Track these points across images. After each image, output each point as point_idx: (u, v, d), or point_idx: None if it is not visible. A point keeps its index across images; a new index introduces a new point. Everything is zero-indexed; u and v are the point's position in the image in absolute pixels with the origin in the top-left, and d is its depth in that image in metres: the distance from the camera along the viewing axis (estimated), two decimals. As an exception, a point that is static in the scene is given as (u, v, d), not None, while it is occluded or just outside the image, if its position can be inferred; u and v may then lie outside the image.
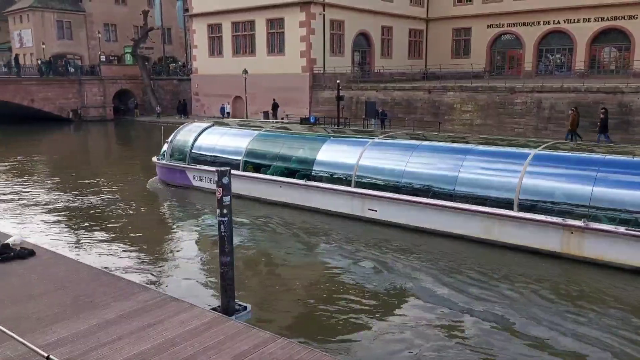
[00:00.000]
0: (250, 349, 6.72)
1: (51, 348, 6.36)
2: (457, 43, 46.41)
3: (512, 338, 8.56)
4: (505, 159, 13.75)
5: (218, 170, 7.99)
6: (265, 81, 39.04)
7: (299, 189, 16.11)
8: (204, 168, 18.67)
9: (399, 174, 14.47)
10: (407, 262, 11.95)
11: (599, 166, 11.99)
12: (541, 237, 12.03)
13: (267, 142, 18.28)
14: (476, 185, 13.25)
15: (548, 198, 12.22)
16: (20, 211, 16.96)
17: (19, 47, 59.93)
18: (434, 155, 14.55)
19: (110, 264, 11.97)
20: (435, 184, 13.83)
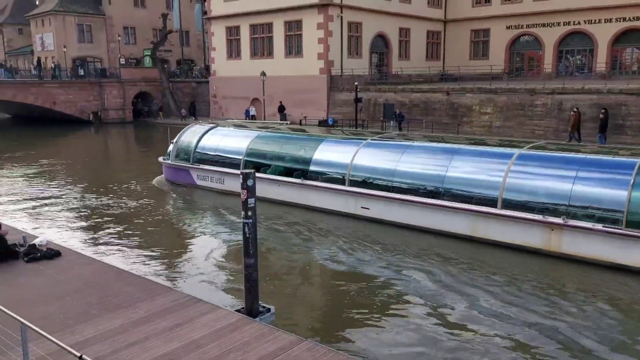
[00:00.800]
0: (275, 351, 6.75)
1: (80, 347, 6.44)
2: (475, 44, 46.06)
3: (498, 329, 9.00)
4: (491, 159, 14.16)
5: (243, 173, 8.03)
6: (283, 83, 39.16)
7: (297, 188, 16.61)
8: (207, 168, 19.37)
9: (390, 173, 14.97)
10: (418, 264, 12.04)
11: (580, 165, 12.44)
12: (524, 234, 12.40)
13: (267, 143, 18.79)
14: (463, 184, 13.66)
15: (530, 196, 12.60)
16: (44, 212, 17.24)
17: (40, 50, 60.93)
18: (423, 156, 15.07)
19: (132, 264, 12.12)
20: (424, 183, 14.29)
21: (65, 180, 22.91)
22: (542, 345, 8.40)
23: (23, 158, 29.44)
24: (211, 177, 19.38)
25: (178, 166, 20.60)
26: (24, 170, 25.43)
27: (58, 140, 40.22)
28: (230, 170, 18.48)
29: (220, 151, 19.61)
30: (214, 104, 46.52)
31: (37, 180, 22.78)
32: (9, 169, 25.89)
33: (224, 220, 16.29)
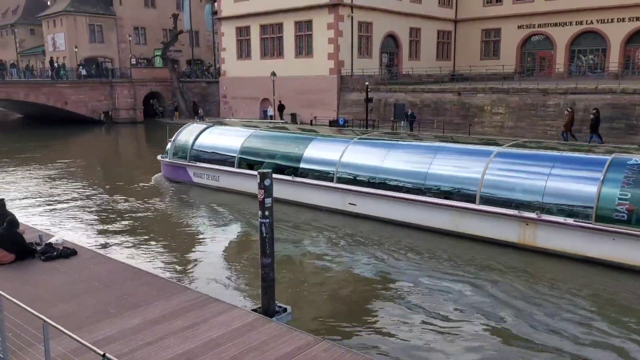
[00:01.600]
0: (293, 351, 6.73)
1: (99, 346, 6.44)
2: (486, 44, 45.82)
3: (475, 319, 9.47)
4: (471, 157, 14.57)
5: (260, 172, 8.02)
6: (293, 84, 39.17)
7: (288, 185, 16.86)
8: (203, 165, 19.93)
9: (375, 170, 15.49)
10: (412, 262, 12.27)
11: (554, 162, 12.92)
12: (501, 229, 12.86)
13: (260, 141, 19.27)
14: (444, 181, 14.17)
15: (507, 192, 13.06)
16: (57, 210, 17.35)
17: (52, 50, 61.40)
18: (407, 154, 15.59)
19: (147, 263, 12.16)
20: (408, 180, 14.79)
21: (76, 179, 23.08)
22: (517, 329, 8.96)
23: (36, 158, 29.67)
24: (207, 174, 19.97)
25: (175, 164, 21.09)
26: (37, 169, 25.64)
27: (69, 140, 40.50)
28: (225, 167, 19.10)
29: (216, 149, 20.15)
30: (224, 104, 46.63)
31: (50, 180, 22.95)
32: (23, 168, 26.10)
33: (233, 218, 16.35)
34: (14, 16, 73.06)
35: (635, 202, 11.30)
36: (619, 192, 11.54)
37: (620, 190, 11.54)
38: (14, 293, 7.54)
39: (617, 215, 11.42)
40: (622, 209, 11.37)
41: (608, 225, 11.41)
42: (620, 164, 12.07)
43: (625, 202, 11.37)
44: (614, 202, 11.51)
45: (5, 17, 75.35)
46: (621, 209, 11.40)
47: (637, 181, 11.53)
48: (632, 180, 11.56)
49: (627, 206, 11.34)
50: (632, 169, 11.80)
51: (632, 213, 11.24)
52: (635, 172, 11.71)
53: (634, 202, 11.28)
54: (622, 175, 11.73)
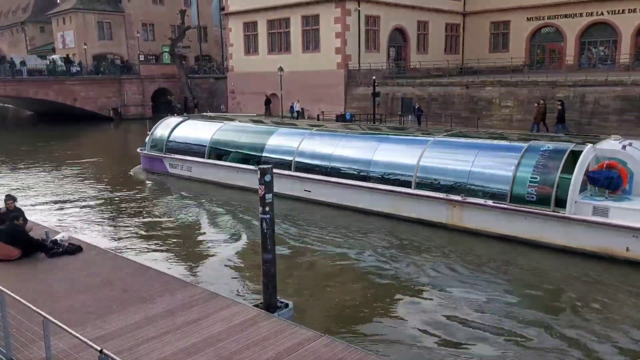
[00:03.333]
0: (293, 346, 6.74)
1: (102, 341, 6.52)
2: (495, 37, 45.37)
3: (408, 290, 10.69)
4: (410, 145, 16.00)
5: (260, 168, 8.03)
6: (300, 78, 39.09)
7: (251, 174, 17.55)
8: (177, 157, 21.36)
9: (328, 159, 16.77)
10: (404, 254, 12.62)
11: (478, 149, 14.29)
12: (432, 211, 14.16)
13: (229, 133, 20.55)
14: (386, 168, 15.44)
15: (438, 177, 14.35)
16: (64, 207, 17.50)
17: (62, 48, 61.77)
18: (355, 143, 17.04)
19: (150, 259, 12.23)
20: (355, 167, 16.06)
21: (83, 175, 23.29)
22: (442, 296, 10.23)
23: (45, 155, 29.93)
24: (181, 165, 21.40)
25: (153, 156, 22.49)
26: (45, 166, 25.86)
27: (78, 136, 40.78)
28: (197, 158, 20.54)
29: (189, 142, 21.51)
30: (232, 100, 46.70)
31: (57, 176, 23.16)
32: (31, 165, 26.34)
33: (233, 215, 16.43)
34: (24, 14, 73.53)
35: (543, 183, 12.47)
36: (531, 175, 12.71)
37: (531, 174, 12.71)
38: (19, 289, 7.64)
39: (529, 197, 12.58)
40: (533, 191, 12.56)
41: (521, 205, 12.60)
42: (534, 150, 13.22)
43: (535, 184, 12.56)
44: (526, 184, 12.69)
45: (16, 15, 75.87)
46: (532, 190, 12.58)
47: (547, 165, 12.66)
48: (542, 165, 12.72)
49: (536, 188, 12.53)
50: (544, 155, 12.90)
51: (541, 194, 12.41)
52: (546, 157, 12.81)
53: (543, 184, 12.49)
54: (535, 161, 12.87)
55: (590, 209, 11.91)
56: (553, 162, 12.65)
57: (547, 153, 12.92)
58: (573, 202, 12.05)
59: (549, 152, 12.93)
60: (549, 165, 12.65)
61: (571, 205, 12.04)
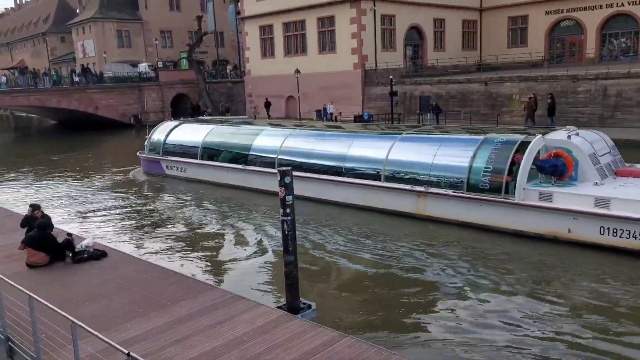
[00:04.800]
0: (317, 347, 6.74)
1: (127, 345, 6.58)
2: (513, 32, 44.77)
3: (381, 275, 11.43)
4: (380, 141, 16.90)
5: (280, 170, 8.04)
6: (317, 80, 39.12)
7: (239, 172, 19.49)
8: (173, 159, 22.51)
9: (307, 156, 17.80)
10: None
11: (440, 143, 15.34)
12: (400, 202, 15.02)
13: (219, 135, 21.66)
14: (358, 162, 16.39)
15: (404, 170, 15.23)
16: (88, 213, 17.77)
17: (82, 57, 62.88)
18: (333, 141, 18.04)
19: (174, 263, 12.37)
20: (332, 163, 17.00)
21: (106, 182, 23.65)
22: (411, 278, 11.03)
23: (68, 162, 30.47)
24: (176, 166, 22.51)
25: (151, 158, 23.65)
26: (70, 174, 26.32)
27: (100, 143, 41.41)
28: (191, 160, 21.66)
29: (184, 144, 22.67)
30: (250, 103, 46.94)
31: (82, 183, 23.55)
32: (56, 173, 26.84)
33: (251, 216, 16.64)
34: (45, 25, 75.10)
35: (495, 172, 13.36)
36: (484, 165, 13.60)
37: (485, 164, 13.61)
38: (47, 294, 7.79)
39: (483, 185, 13.47)
40: (486, 180, 13.41)
41: (476, 194, 13.51)
42: (489, 142, 14.07)
43: (488, 174, 13.43)
44: (481, 174, 13.55)
45: (37, 27, 77.52)
46: (485, 179, 13.43)
47: (499, 156, 13.51)
48: (494, 155, 13.59)
49: (489, 177, 13.35)
50: (497, 146, 13.76)
51: (493, 183, 13.27)
52: (499, 149, 13.66)
53: (494, 173, 13.32)
54: (489, 152, 13.73)
55: (537, 195, 12.78)
56: (504, 152, 13.52)
57: (500, 145, 13.81)
58: (521, 189, 12.92)
59: (502, 144, 13.82)
60: (500, 155, 13.51)
61: (519, 192, 12.91)
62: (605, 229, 11.72)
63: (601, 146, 14.09)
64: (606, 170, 13.53)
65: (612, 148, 14.48)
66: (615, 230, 11.59)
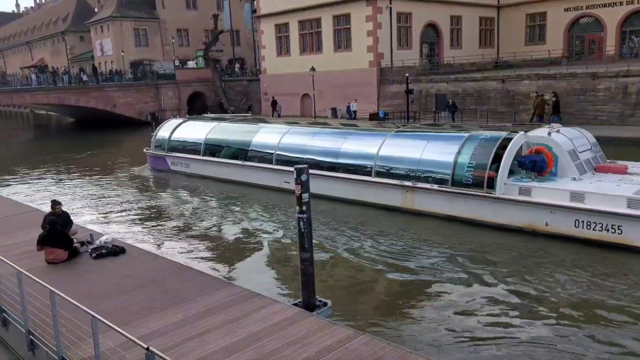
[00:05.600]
0: (333, 344, 6.75)
1: (144, 340, 6.62)
2: (531, 29, 44.26)
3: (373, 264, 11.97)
4: (372, 138, 17.44)
5: (296, 168, 8.05)
6: (332, 78, 39.08)
7: (239, 168, 20.22)
8: (178, 155, 23.26)
9: (303, 152, 18.35)
10: None
11: (428, 140, 15.88)
12: (389, 196, 15.60)
13: (221, 132, 22.37)
14: (351, 158, 17.01)
15: (394, 165, 15.78)
16: (106, 210, 18.01)
17: (100, 55, 63.59)
18: (327, 138, 18.70)
19: (191, 260, 12.49)
20: (326, 159, 17.58)
21: (121, 179, 24.07)
22: (398, 266, 11.69)
23: (86, 159, 30.88)
24: (180, 162, 23.24)
25: (157, 155, 24.41)
26: (87, 171, 26.69)
27: (118, 141, 41.81)
28: (194, 156, 22.41)
29: (187, 141, 23.36)
30: (265, 102, 47.06)
31: (98, 180, 23.91)
32: (75, 170, 27.23)
33: (260, 212, 16.87)
34: (64, 24, 76.03)
35: (478, 168, 13.85)
36: (468, 161, 14.13)
37: (469, 160, 14.12)
38: (67, 290, 7.90)
39: (466, 180, 13.98)
40: (470, 175, 13.95)
41: (460, 188, 14.02)
42: (473, 139, 14.62)
43: (472, 169, 13.94)
44: (464, 169, 14.09)
45: (56, 26, 78.52)
46: (469, 174, 13.99)
47: (482, 152, 14.02)
48: (478, 151, 14.11)
49: (472, 172, 13.94)
50: (480, 142, 14.29)
51: (476, 177, 13.81)
52: (482, 145, 14.18)
53: (477, 168, 13.87)
54: (473, 148, 14.25)
55: (517, 190, 13.29)
56: (487, 149, 14.05)
57: (484, 141, 14.35)
58: (502, 184, 13.44)
59: (485, 140, 14.36)
60: (483, 151, 14.06)
61: (500, 186, 13.43)
62: (579, 222, 12.17)
63: (582, 143, 14.53)
64: (585, 166, 13.93)
65: (593, 145, 14.92)
66: (589, 224, 12.03)
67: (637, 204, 11.44)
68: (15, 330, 8.10)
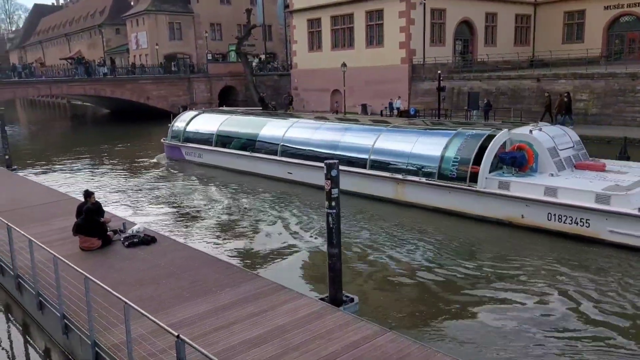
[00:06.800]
0: (359, 340, 6.76)
1: (175, 328, 6.78)
2: (568, 27, 43.16)
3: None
4: (368, 133, 18.17)
5: (327, 163, 8.08)
6: (363, 74, 38.90)
7: (247, 159, 21.36)
8: (192, 145, 24.54)
9: (306, 145, 19.33)
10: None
11: (418, 136, 16.77)
12: (382, 188, 16.38)
13: (232, 125, 23.58)
14: (349, 151, 17.75)
15: (387, 159, 16.61)
16: (138, 199, 18.38)
17: (135, 48, 64.71)
18: (329, 132, 19.46)
19: (219, 250, 12.67)
20: (327, 152, 18.13)
21: (145, 168, 24.69)
22: (393, 253, 12.35)
23: (117, 150, 31.55)
24: (194, 152, 24.55)
25: (173, 145, 25.79)
26: (117, 160, 27.30)
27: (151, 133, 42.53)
28: (206, 146, 23.65)
29: (201, 132, 24.59)
30: (296, 97, 47.17)
31: (128, 169, 24.49)
32: (106, 159, 27.87)
33: (291, 206, 16.96)
34: (101, 17, 77.60)
35: (462, 163, 14.61)
36: (454, 156, 14.89)
37: (454, 155, 14.88)
38: (100, 276, 8.10)
39: (451, 174, 14.76)
40: (454, 169, 14.71)
41: (445, 181, 14.82)
42: (461, 135, 15.43)
43: (456, 164, 14.71)
44: (450, 163, 14.85)
45: (94, 19, 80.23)
46: (453, 169, 14.74)
47: (467, 147, 14.75)
48: (463, 147, 14.85)
49: (457, 166, 14.67)
50: (466, 139, 15.05)
51: (460, 172, 14.56)
52: (467, 141, 14.94)
53: (461, 163, 14.60)
54: (459, 144, 15.02)
55: (497, 184, 13.95)
56: (472, 145, 14.77)
57: (469, 138, 15.10)
58: (483, 178, 14.13)
59: (471, 137, 15.10)
60: (468, 147, 14.78)
61: (482, 180, 14.11)
62: (552, 215, 12.87)
63: (563, 141, 15.09)
64: (565, 163, 14.48)
65: (576, 143, 15.44)
66: (560, 217, 12.74)
67: (604, 199, 12.06)
68: (50, 314, 8.36)
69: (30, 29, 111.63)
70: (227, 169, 22.21)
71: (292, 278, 10.95)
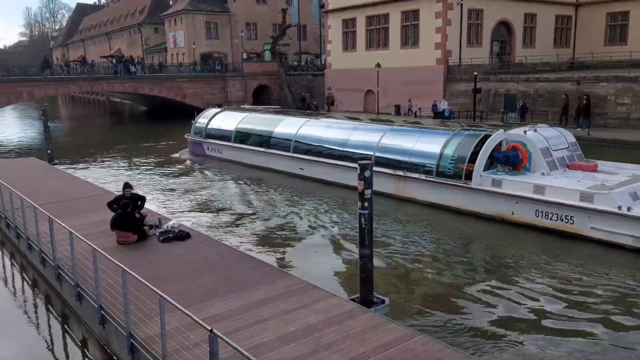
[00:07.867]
0: (390, 342, 6.73)
1: (208, 323, 6.86)
2: (611, 29, 41.89)
3: None
4: (374, 132, 19.01)
5: (360, 164, 8.07)
6: (397, 75, 38.62)
7: (262, 154, 22.47)
8: (213, 141, 25.66)
9: (317, 141, 20.36)
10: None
11: (419, 135, 17.52)
12: (386, 184, 16.75)
13: (250, 122, 24.63)
14: (356, 148, 18.61)
15: (390, 156, 17.36)
16: (173, 196, 18.72)
17: (172, 47, 65.91)
18: (338, 130, 20.46)
19: (251, 247, 12.81)
20: (335, 149, 19.27)
21: (178, 164, 25.23)
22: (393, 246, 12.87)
23: (152, 146, 32.18)
24: (215, 148, 25.65)
25: (196, 141, 26.95)
26: (158, 158, 27.81)
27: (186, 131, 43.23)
28: (226, 142, 24.77)
29: (221, 128, 25.64)
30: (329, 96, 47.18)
31: (167, 167, 24.86)
32: (142, 154, 28.49)
33: (311, 204, 17.14)
34: (140, 16, 79.33)
35: (458, 161, 15.31)
36: (451, 155, 15.59)
37: (452, 154, 15.59)
38: (136, 270, 8.27)
39: (448, 172, 15.47)
40: (451, 167, 15.40)
41: (442, 178, 15.52)
42: (459, 135, 16.24)
43: (453, 162, 15.38)
44: (448, 162, 15.55)
45: (133, 18, 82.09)
46: (450, 167, 15.44)
47: (463, 147, 15.51)
48: (460, 146, 15.63)
49: (454, 164, 15.31)
50: (464, 138, 15.86)
51: (456, 169, 15.21)
52: (465, 140, 15.72)
53: (458, 162, 15.30)
54: (457, 143, 15.77)
55: (490, 182, 14.60)
56: (468, 144, 15.51)
57: (467, 137, 15.92)
58: (478, 176, 14.81)
59: (468, 136, 15.94)
60: (465, 146, 15.52)
61: (476, 178, 14.80)
62: (539, 212, 13.45)
63: (558, 142, 15.59)
64: (558, 163, 14.99)
65: (571, 144, 15.93)
66: (547, 214, 13.31)
67: (588, 197, 12.55)
68: (88, 305, 8.60)
69: (73, 28, 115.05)
70: (246, 165, 23.23)
71: (321, 277, 10.96)
